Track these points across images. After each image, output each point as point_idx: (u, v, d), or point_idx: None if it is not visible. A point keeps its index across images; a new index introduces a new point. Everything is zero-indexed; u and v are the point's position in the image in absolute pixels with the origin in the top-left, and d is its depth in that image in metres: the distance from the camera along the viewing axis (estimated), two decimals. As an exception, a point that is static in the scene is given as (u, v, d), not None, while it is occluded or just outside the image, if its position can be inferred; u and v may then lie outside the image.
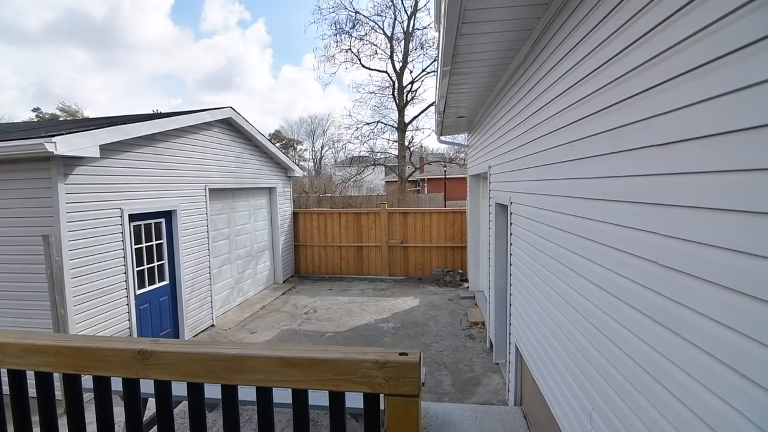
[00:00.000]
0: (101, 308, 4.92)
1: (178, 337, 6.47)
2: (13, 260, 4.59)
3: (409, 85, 17.18)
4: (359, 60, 17.04)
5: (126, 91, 68.26)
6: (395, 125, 17.56)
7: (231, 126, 7.90)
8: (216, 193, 7.57)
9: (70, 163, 4.51)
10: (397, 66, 17.01)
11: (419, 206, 24.84)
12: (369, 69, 17.27)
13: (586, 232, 2.16)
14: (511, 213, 4.22)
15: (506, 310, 5.10)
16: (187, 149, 6.56)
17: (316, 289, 9.68)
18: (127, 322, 5.35)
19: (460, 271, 9.96)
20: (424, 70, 16.69)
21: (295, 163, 10.67)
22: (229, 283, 8.15)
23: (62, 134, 4.22)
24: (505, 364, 5.01)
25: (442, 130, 8.41)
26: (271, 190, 9.88)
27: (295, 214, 10.86)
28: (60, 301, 4.34)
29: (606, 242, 1.91)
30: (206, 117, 6.86)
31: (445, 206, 24.13)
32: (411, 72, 17.05)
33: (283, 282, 10.19)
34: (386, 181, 34.41)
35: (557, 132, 2.62)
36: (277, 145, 48.12)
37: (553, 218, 2.75)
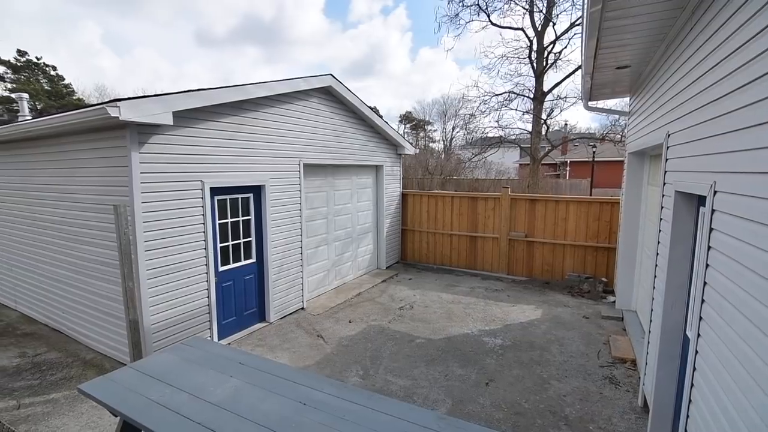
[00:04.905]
0: (176, 284, 4.73)
1: (263, 318, 6.20)
2: (95, 227, 4.68)
3: (551, 45, 14.08)
4: (488, 17, 14.62)
5: (287, 82, 77.76)
6: (531, 95, 14.81)
7: (332, 96, 7.22)
8: (312, 169, 7.04)
9: (146, 131, 4.28)
10: (537, 22, 14.13)
11: (557, 193, 21.46)
12: (500, 27, 14.69)
13: None
14: (712, 210, 2.34)
15: (681, 363, 3.19)
16: (279, 120, 6.06)
17: (419, 280, 8.61)
18: (206, 299, 5.14)
19: (604, 279, 7.63)
20: (572, 24, 13.42)
21: (416, 143, 9.64)
22: (325, 265, 7.68)
23: (130, 99, 3.94)
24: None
25: (591, 91, 6.24)
26: (377, 168, 9.07)
27: (404, 196, 9.90)
28: (128, 273, 4.19)
29: None
30: (301, 85, 6.25)
31: (590, 194, 20.33)
32: (554, 26, 13.93)
33: (386, 268, 9.42)
34: (519, 164, 31.03)
35: None
36: (407, 126, 48.46)
37: None
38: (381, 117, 8.46)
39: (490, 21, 14.71)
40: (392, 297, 7.53)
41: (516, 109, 15.24)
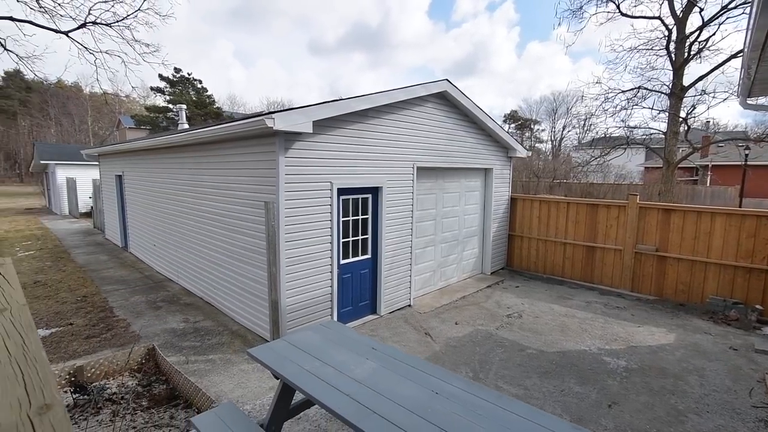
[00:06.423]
0: (307, 272, 5.36)
1: (375, 310, 6.62)
2: (251, 220, 5.49)
3: (697, 33, 12.13)
4: (617, 7, 13.06)
5: (389, 85, 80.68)
6: (667, 90, 12.96)
7: (445, 100, 7.37)
8: (424, 171, 7.28)
9: (290, 138, 4.93)
10: (678, 8, 12.27)
11: (694, 201, 18.59)
12: (632, 17, 13.10)
13: None
14: None
15: None
16: (397, 125, 6.42)
17: (528, 289, 8.29)
18: (329, 288, 5.71)
19: (758, 307, 6.47)
20: (724, 7, 11.36)
21: (521, 143, 9.31)
22: (431, 265, 7.87)
23: (280, 111, 4.59)
24: None
25: (752, 84, 5.34)
26: (486, 171, 8.97)
27: (512, 200, 9.61)
28: (273, 260, 4.88)
29: None
30: (420, 91, 6.52)
31: (740, 205, 17.26)
32: (702, 12, 11.94)
33: (491, 274, 9.25)
34: (645, 167, 27.51)
35: None
36: (512, 125, 46.40)
37: None
38: (492, 119, 8.35)
39: (620, 11, 13.26)
40: (498, 303, 7.40)
41: (651, 108, 13.37)
